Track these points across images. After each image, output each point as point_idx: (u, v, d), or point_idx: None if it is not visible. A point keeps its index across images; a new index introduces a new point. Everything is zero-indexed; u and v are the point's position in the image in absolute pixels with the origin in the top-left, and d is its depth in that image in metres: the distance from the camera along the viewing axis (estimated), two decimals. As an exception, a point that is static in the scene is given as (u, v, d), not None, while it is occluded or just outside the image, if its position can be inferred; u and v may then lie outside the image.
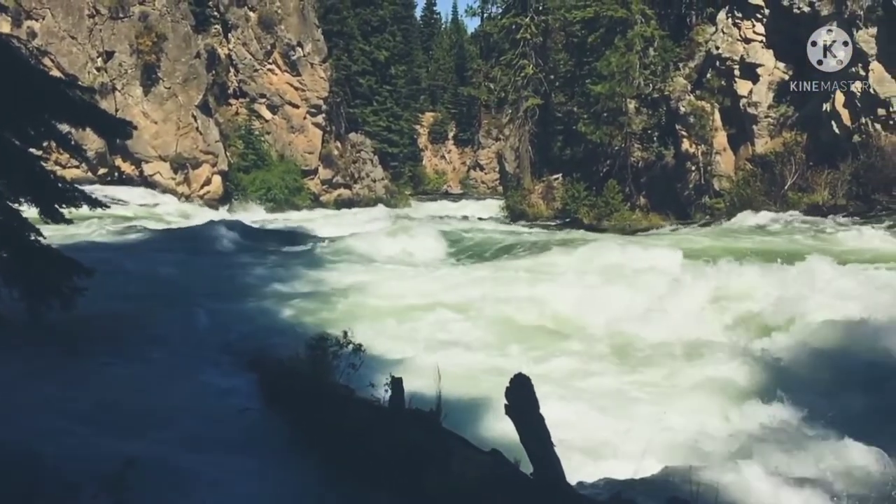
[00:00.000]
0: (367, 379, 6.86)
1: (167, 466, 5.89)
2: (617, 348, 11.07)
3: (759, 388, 9.09)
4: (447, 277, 15.78)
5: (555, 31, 41.73)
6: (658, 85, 32.90)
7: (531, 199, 38.67)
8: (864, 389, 8.43)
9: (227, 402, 7.82)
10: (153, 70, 37.98)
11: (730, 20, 30.98)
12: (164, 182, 38.31)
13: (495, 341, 11.22)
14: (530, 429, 5.11)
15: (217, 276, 15.53)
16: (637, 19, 32.59)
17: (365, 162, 50.02)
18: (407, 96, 62.35)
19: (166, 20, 38.39)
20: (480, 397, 8.12)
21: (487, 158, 67.21)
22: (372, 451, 6.06)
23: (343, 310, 12.83)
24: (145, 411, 7.34)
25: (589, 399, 8.79)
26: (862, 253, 16.66)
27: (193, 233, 22.76)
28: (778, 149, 28.48)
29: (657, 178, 33.46)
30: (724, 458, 7.03)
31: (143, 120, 37.41)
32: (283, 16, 43.65)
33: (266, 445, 6.78)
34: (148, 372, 8.83)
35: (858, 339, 9.75)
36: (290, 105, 44.43)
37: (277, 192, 41.58)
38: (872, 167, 25.13)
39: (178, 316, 11.66)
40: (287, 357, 7.84)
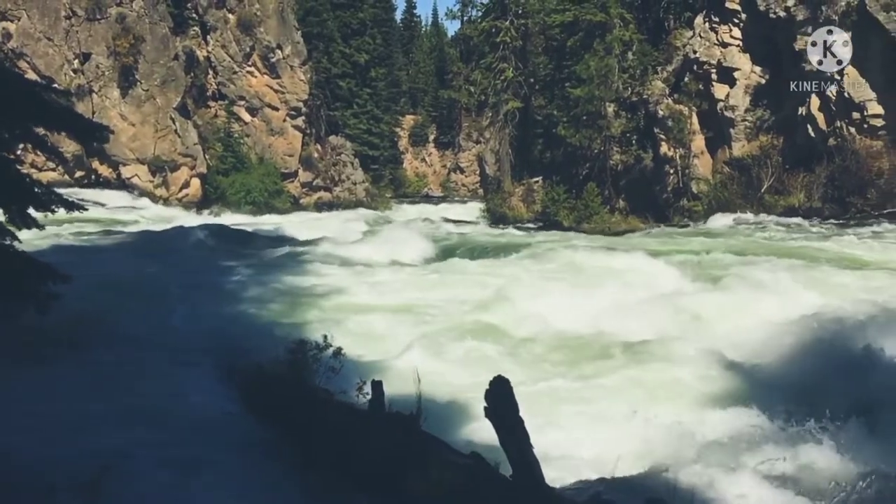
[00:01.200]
0: (348, 382, 6.86)
1: (144, 471, 5.84)
2: (589, 349, 11.11)
3: (731, 389, 9.19)
4: (427, 280, 15.80)
5: (534, 35, 41.87)
6: (636, 88, 33.16)
7: (511, 201, 38.75)
8: (834, 388, 8.55)
9: (205, 406, 7.78)
10: (131, 72, 37.68)
11: (707, 24, 31.31)
12: (141, 185, 38.00)
13: (475, 345, 11.23)
14: (510, 431, 5.14)
15: (195, 280, 15.40)
16: (616, 23, 32.82)
17: (345, 165, 49.88)
18: (387, 99, 62.27)
19: (144, 22, 38.11)
20: (460, 400, 8.15)
21: (468, 161, 67.28)
22: (352, 454, 6.06)
23: (322, 313, 12.80)
24: (121, 415, 7.28)
25: (560, 401, 8.84)
26: (830, 255, 17.02)
27: (171, 236, 22.58)
28: (755, 152, 28.81)
29: (636, 181, 33.69)
30: (700, 458, 7.09)
31: (120, 122, 37.10)
32: (263, 18, 43.45)
33: (245, 449, 6.75)
34: (123, 376, 8.76)
35: (829, 337, 9.90)
36: (270, 107, 44.22)
37: (257, 194, 41.34)
38: (847, 170, 25.49)
39: (154, 320, 11.57)
40: (267, 361, 7.80)
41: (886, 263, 16.01)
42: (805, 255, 16.95)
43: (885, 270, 14.97)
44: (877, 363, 9.02)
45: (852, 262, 16.14)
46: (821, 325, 10.40)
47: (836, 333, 10.06)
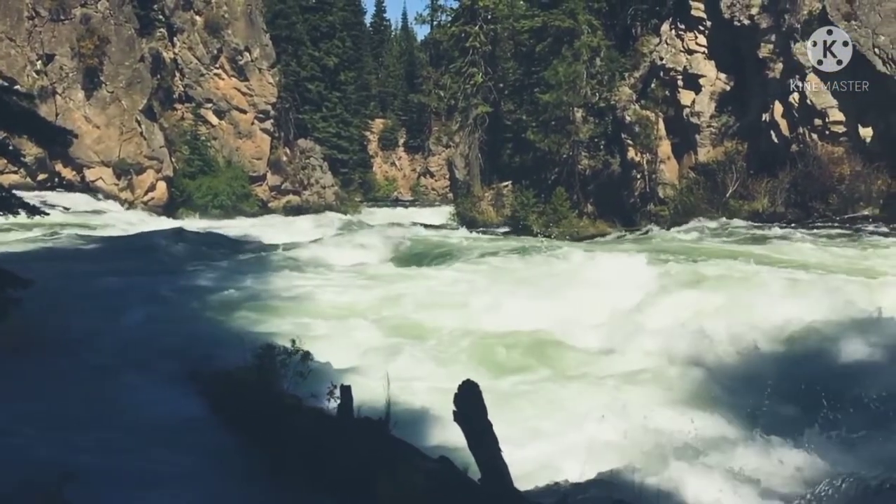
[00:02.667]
0: (316, 388, 6.81)
1: (107, 479, 5.74)
2: (551, 352, 11.17)
3: (697, 391, 9.31)
4: (395, 284, 15.76)
5: (503, 40, 42.12)
6: (604, 94, 33.49)
7: (481, 206, 38.87)
8: (798, 390, 8.70)
9: (170, 412, 7.68)
10: (95, 74, 37.12)
11: (673, 32, 31.72)
12: (106, 188, 37.44)
13: (445, 349, 11.24)
14: (478, 435, 5.14)
15: (159, 285, 15.20)
16: (584, 30, 33.14)
17: (314, 168, 49.64)
18: (357, 103, 62.09)
19: (109, 23, 37.59)
20: (429, 404, 8.14)
21: (438, 165, 67.32)
22: (321, 460, 6.02)
23: (290, 318, 12.70)
24: (81, 422, 7.16)
25: (527, 403, 8.88)
26: (792, 258, 17.37)
27: (136, 240, 22.30)
28: (720, 157, 29.23)
29: (604, 186, 34.00)
30: (668, 460, 7.16)
31: (84, 124, 36.54)
32: (231, 20, 43.11)
33: (212, 455, 6.68)
34: (83, 382, 8.60)
35: (793, 341, 10.08)
36: (238, 110, 43.87)
37: (224, 198, 40.97)
38: (810, 176, 25.96)
39: (117, 326, 11.40)
40: (233, 366, 7.72)
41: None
42: (770, 260, 17.24)
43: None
44: (841, 365, 9.20)
45: (800, 265, 16.48)
46: (788, 327, 10.55)
47: (804, 337, 10.23)
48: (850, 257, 17.53)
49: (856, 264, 16.40)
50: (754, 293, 12.73)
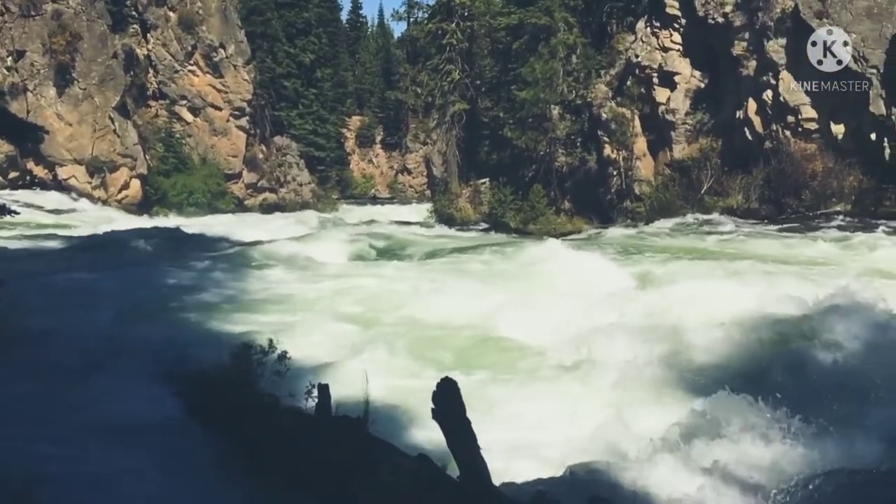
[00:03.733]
0: (294, 387, 6.76)
1: (78, 480, 5.66)
2: (527, 349, 11.21)
3: (672, 384, 9.37)
4: (372, 282, 15.72)
5: (480, 37, 42.11)
6: (581, 92, 33.62)
7: (459, 203, 38.87)
8: (772, 382, 8.79)
9: (145, 412, 7.58)
10: (67, 70, 36.61)
11: (648, 29, 31.91)
12: (79, 186, 36.96)
13: (423, 347, 11.23)
14: (457, 432, 5.15)
15: (131, 284, 15.01)
16: (560, 27, 33.23)
17: (291, 166, 49.36)
18: (333, 100, 61.81)
19: (81, 19, 37.09)
20: (407, 402, 8.13)
21: (415, 163, 67.22)
22: (299, 459, 5.99)
23: (267, 316, 12.63)
24: (56, 422, 7.05)
25: (502, 401, 8.90)
26: (761, 253, 17.62)
27: (109, 239, 22.04)
28: (695, 154, 29.48)
29: (581, 183, 34.16)
30: (641, 454, 7.21)
31: (56, 122, 36.04)
32: (205, 16, 42.72)
33: (188, 456, 6.61)
34: (57, 381, 8.47)
35: (766, 333, 10.17)
36: (213, 107, 43.50)
37: (199, 196, 40.63)
38: (783, 172, 26.27)
39: (89, 325, 11.23)
40: (210, 366, 7.65)
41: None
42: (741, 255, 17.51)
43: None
44: (822, 357, 9.30)
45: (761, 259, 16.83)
46: (763, 319, 10.64)
47: (780, 328, 10.32)
48: (821, 251, 17.87)
49: (828, 258, 16.72)
50: (717, 286, 12.88)
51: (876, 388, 8.38)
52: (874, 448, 7.06)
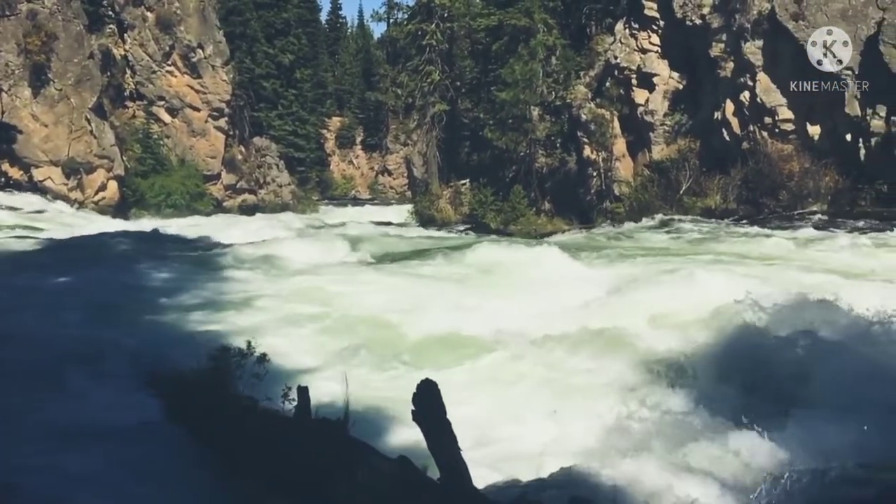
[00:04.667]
0: (273, 389, 6.71)
1: (54, 486, 5.58)
2: (502, 348, 11.21)
3: (649, 383, 9.40)
4: (351, 284, 15.63)
5: (460, 38, 42.21)
6: (560, 93, 33.77)
7: (439, 204, 38.90)
8: (750, 380, 8.84)
9: (124, 416, 7.48)
10: (43, 71, 36.14)
11: (627, 31, 32.10)
12: (55, 188, 36.48)
13: (402, 348, 11.19)
14: (437, 434, 5.13)
15: (111, 287, 14.82)
16: (540, 28, 33.37)
17: (270, 167, 49.12)
18: (313, 100, 61.60)
19: (57, 19, 36.62)
20: (388, 404, 8.09)
21: (396, 164, 67.16)
22: (279, 462, 5.94)
23: (246, 319, 12.52)
24: (28, 428, 6.93)
25: (480, 401, 8.89)
26: (737, 251, 17.81)
27: (85, 241, 21.76)
28: (673, 155, 29.68)
29: (561, 184, 34.29)
30: (624, 453, 7.23)
31: (32, 123, 35.58)
32: (183, 16, 42.39)
33: (166, 460, 6.54)
34: (31, 387, 8.32)
35: (741, 331, 10.22)
36: (191, 108, 43.16)
37: (178, 197, 40.31)
38: (760, 173, 26.52)
39: (62, 327, 11.05)
40: (187, 369, 7.57)
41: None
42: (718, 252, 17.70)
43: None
44: (802, 354, 9.35)
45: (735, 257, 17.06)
46: (744, 316, 10.69)
47: (760, 325, 10.37)
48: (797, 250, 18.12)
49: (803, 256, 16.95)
50: (686, 283, 12.98)
51: (823, 384, 8.44)
52: (844, 444, 7.11)
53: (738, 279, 12.99)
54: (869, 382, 8.19)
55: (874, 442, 7.06)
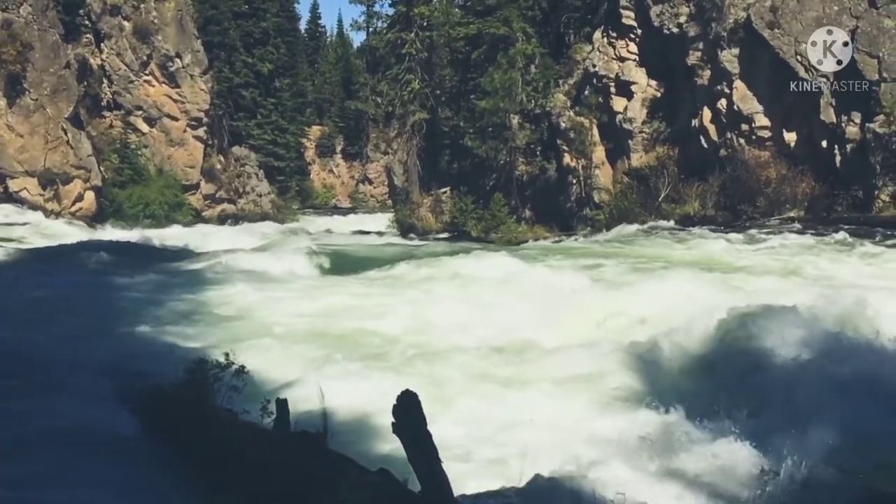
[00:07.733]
0: (251, 402, 6.63)
1: (31, 500, 5.48)
2: (484, 355, 11.19)
3: (632, 391, 9.42)
4: (329, 295, 15.54)
5: (440, 47, 42.24)
6: (540, 101, 33.88)
7: (420, 212, 38.88)
8: (733, 388, 8.89)
9: (100, 430, 7.36)
10: (18, 81, 35.77)
11: (605, 39, 32.32)
12: (31, 198, 36.07)
13: (382, 359, 11.13)
14: (417, 446, 5.09)
15: (86, 299, 14.63)
16: (518, 37, 33.49)
17: (250, 176, 48.89)
18: (293, 109, 61.44)
19: (32, 28, 36.28)
20: (367, 416, 8.04)
21: (376, 172, 67.11)
22: (258, 476, 5.87)
23: (224, 331, 12.40)
24: (1, 441, 6.79)
25: (462, 410, 8.86)
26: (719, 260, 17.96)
27: (61, 252, 21.51)
28: (652, 162, 29.89)
29: (541, 191, 34.40)
30: (608, 461, 7.22)
31: (7, 133, 35.23)
32: (161, 26, 42.15)
33: (144, 476, 6.43)
34: (2, 402, 8.16)
35: (728, 339, 10.28)
36: (169, 118, 42.88)
37: (156, 207, 39.99)
38: (738, 179, 26.78)
39: (34, 341, 10.87)
40: (165, 382, 7.47)
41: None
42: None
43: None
44: (764, 359, 9.41)
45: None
46: (725, 321, 10.75)
47: (741, 330, 10.42)
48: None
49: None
50: (658, 287, 13.06)
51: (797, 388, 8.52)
52: (823, 448, 7.15)
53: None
54: (844, 390, 8.27)
55: (851, 448, 7.12)
